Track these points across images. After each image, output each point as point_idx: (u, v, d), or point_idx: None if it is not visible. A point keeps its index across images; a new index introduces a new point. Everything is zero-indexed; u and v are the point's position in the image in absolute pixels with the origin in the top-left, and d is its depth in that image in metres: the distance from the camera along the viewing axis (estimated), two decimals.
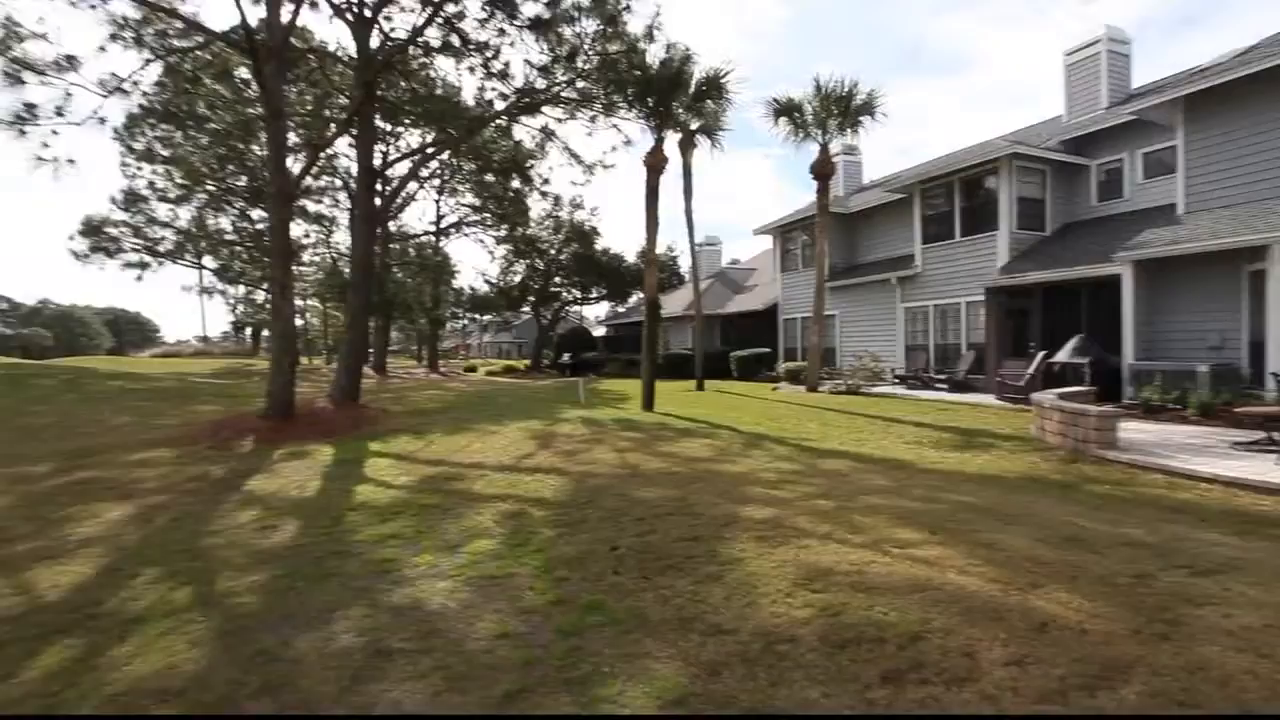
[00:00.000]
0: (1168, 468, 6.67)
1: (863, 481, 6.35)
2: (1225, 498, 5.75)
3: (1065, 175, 15.93)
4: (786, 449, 8.48)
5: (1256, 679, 2.52)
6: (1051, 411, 8.52)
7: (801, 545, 4.29)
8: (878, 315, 19.24)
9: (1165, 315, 11.71)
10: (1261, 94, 10.85)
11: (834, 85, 16.51)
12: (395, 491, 6.85)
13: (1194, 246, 10.68)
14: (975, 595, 3.33)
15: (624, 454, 8.41)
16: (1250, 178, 11.01)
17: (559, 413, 13.58)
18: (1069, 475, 6.72)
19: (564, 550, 4.64)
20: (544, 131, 16.64)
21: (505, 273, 41.10)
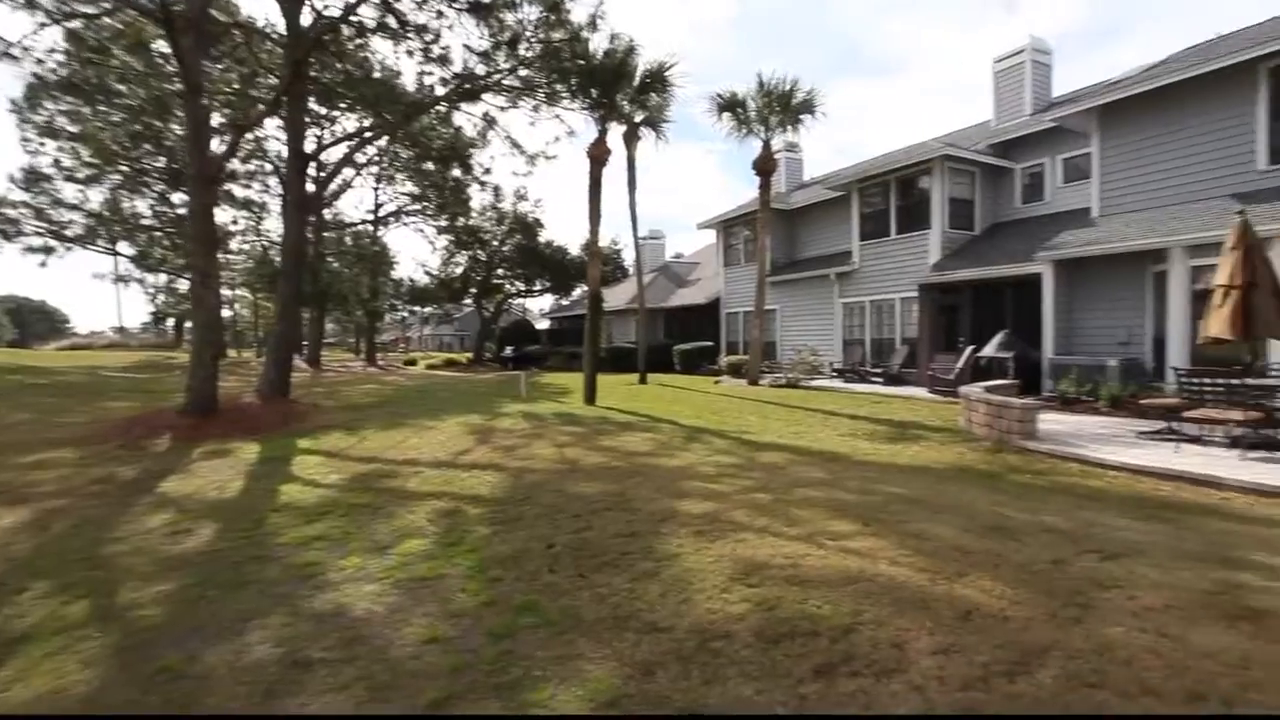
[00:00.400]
0: (1082, 456, 7.04)
1: (800, 474, 6.44)
2: (1130, 484, 6.10)
3: (993, 177, 16.63)
4: (726, 442, 8.54)
5: (1158, 657, 2.65)
6: (978, 404, 8.87)
7: (738, 539, 4.30)
8: (817, 310, 19.68)
9: (1081, 312, 12.39)
10: (1166, 107, 11.56)
11: (776, 83, 16.77)
12: (324, 491, 6.55)
13: (1105, 248, 11.31)
14: (905, 586, 3.41)
15: (563, 449, 8.30)
16: (1157, 184, 11.73)
17: (499, 407, 13.33)
18: (994, 465, 7.00)
19: (499, 549, 4.52)
20: (485, 119, 16.25)
21: (446, 264, 40.13)
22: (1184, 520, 4.68)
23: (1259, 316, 7.01)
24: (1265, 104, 10.53)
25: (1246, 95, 10.67)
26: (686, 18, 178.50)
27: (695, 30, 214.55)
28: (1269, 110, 10.51)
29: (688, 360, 23.41)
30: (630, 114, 16.30)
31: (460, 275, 39.75)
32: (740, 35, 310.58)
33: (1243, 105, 10.72)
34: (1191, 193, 11.26)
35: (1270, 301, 7.04)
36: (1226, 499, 5.49)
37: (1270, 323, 7.02)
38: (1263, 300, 7.02)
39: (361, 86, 15.80)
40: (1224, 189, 10.87)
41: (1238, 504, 5.34)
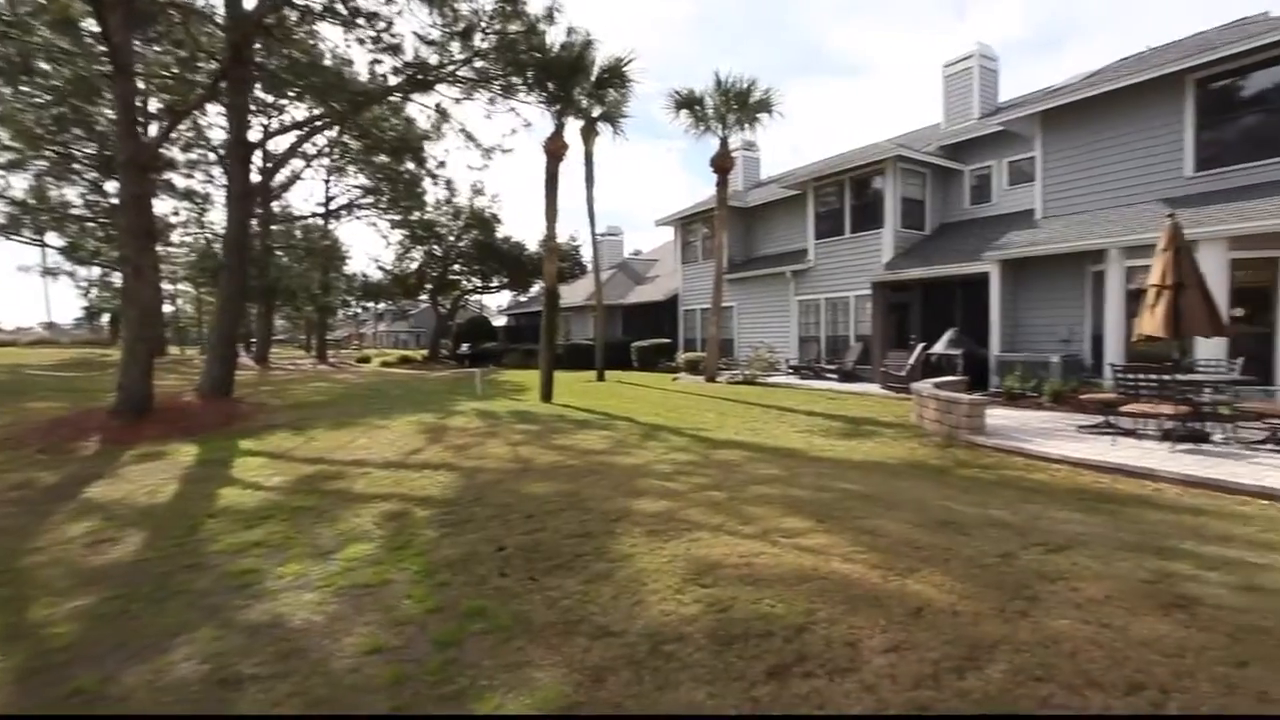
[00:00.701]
0: (1026, 450, 7.25)
1: (755, 471, 6.45)
2: (1072, 476, 6.29)
3: (943, 179, 17.05)
4: (683, 439, 8.52)
5: (1100, 648, 2.70)
6: (929, 400, 9.06)
7: (693, 538, 4.26)
8: (773, 307, 19.88)
9: (1025, 310, 12.80)
10: (1103, 114, 12.02)
11: (734, 82, 16.83)
12: (265, 494, 6.26)
13: (1047, 249, 11.71)
14: (858, 583, 3.41)
15: (518, 447, 8.14)
16: (1095, 188, 12.20)
17: (453, 405, 13.05)
18: (944, 460, 7.15)
19: (447, 552, 4.37)
20: (438, 111, 15.83)
21: (401, 259, 39.24)
22: (1122, 512, 4.84)
23: (1187, 316, 7.32)
24: (1192, 114, 11.04)
25: (1175, 105, 11.17)
26: (648, 15, 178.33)
27: (657, 27, 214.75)
28: (1195, 120, 11.02)
29: (645, 357, 23.39)
30: (588, 109, 16.15)
31: (415, 271, 38.92)
32: (701, 33, 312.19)
33: (1172, 115, 11.21)
34: (1126, 196, 11.74)
35: (1198, 302, 7.37)
36: (1159, 490, 5.71)
37: (1198, 322, 7.35)
38: (1191, 300, 7.34)
39: (310, 74, 15.23)
40: (1155, 193, 11.37)
41: (1169, 495, 5.56)
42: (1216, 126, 10.94)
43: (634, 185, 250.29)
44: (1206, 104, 10.96)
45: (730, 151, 17.42)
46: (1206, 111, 10.97)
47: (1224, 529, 4.43)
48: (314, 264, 35.37)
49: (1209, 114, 10.96)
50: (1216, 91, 10.91)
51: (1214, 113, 10.93)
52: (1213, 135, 10.95)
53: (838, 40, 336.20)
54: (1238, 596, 3.20)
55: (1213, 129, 10.95)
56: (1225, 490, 5.56)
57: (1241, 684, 2.45)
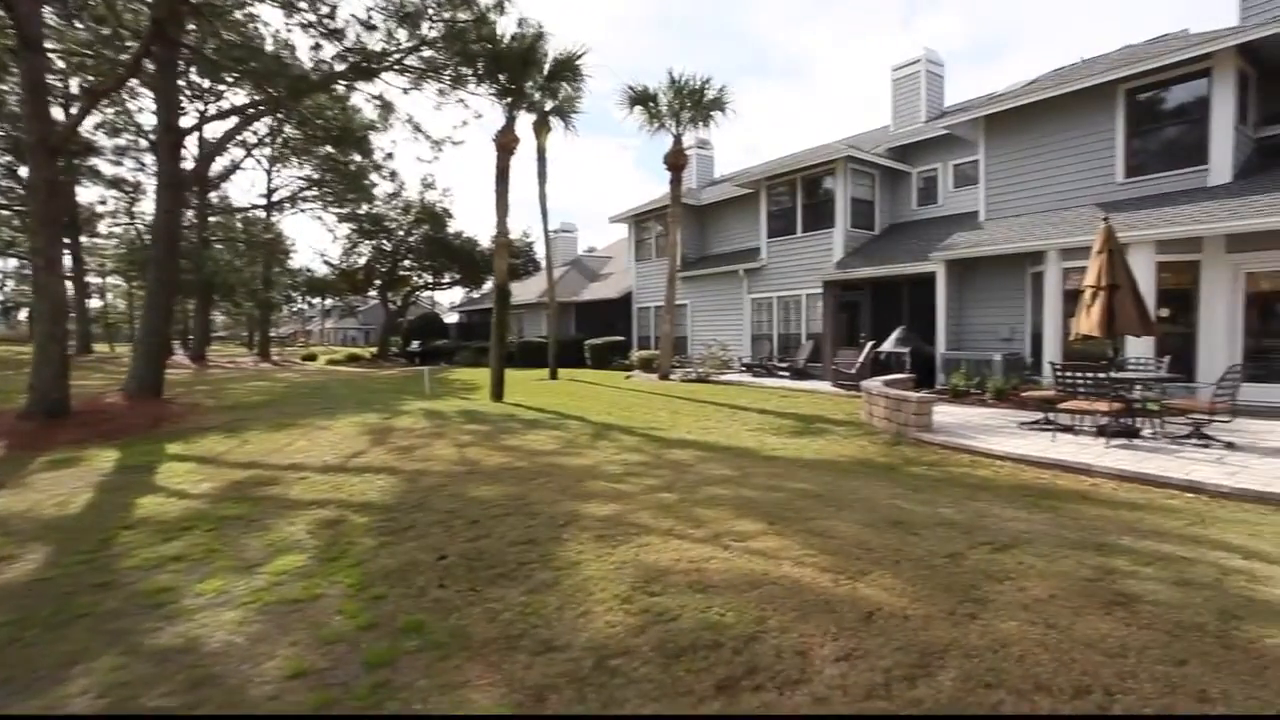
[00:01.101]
0: (971, 447, 7.39)
1: (707, 471, 6.38)
2: (1015, 473, 6.44)
3: (891, 180, 17.40)
4: (635, 439, 8.40)
5: (1047, 651, 2.70)
6: (878, 398, 9.18)
7: (642, 543, 4.14)
8: (726, 305, 19.97)
9: (970, 310, 13.16)
10: (1041, 121, 12.43)
11: (688, 80, 16.80)
12: (190, 502, 5.87)
13: (990, 249, 12.05)
14: (809, 588, 3.34)
15: (465, 449, 7.88)
16: (1036, 191, 12.61)
17: (400, 405, 12.63)
18: (893, 457, 7.22)
19: (384, 563, 4.14)
20: (382, 101, 15.28)
21: (348, 253, 38.00)
22: (1063, 508, 4.94)
23: (1121, 316, 7.59)
24: (1122, 123, 11.50)
25: (1107, 114, 11.61)
26: (604, 13, 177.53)
27: (613, 26, 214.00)
28: (1125, 129, 11.49)
29: (599, 355, 23.22)
30: (540, 103, 15.85)
31: (364, 266, 37.76)
32: (657, 33, 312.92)
33: (1104, 123, 11.66)
34: (1063, 200, 12.17)
35: (1130, 302, 7.64)
36: (1096, 485, 5.88)
37: (1130, 321, 7.62)
38: (1124, 301, 7.61)
39: (247, 58, 14.47)
40: (1090, 198, 11.82)
41: (1105, 489, 5.72)
42: (1143, 136, 11.42)
43: (588, 182, 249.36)
44: (1134, 114, 11.44)
45: (684, 149, 17.39)
46: (1135, 121, 11.45)
47: (1156, 523, 4.56)
48: (255, 258, 33.94)
49: (1137, 123, 11.44)
50: (1143, 102, 11.39)
51: (1141, 123, 11.42)
52: (1140, 144, 11.43)
53: (787, 44, 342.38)
54: (1172, 592, 3.27)
55: (1140, 138, 11.44)
56: (1155, 484, 5.76)
57: (1182, 683, 2.46)
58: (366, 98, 16.95)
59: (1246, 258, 9.83)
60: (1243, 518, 4.73)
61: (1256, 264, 9.81)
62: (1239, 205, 9.56)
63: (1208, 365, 9.88)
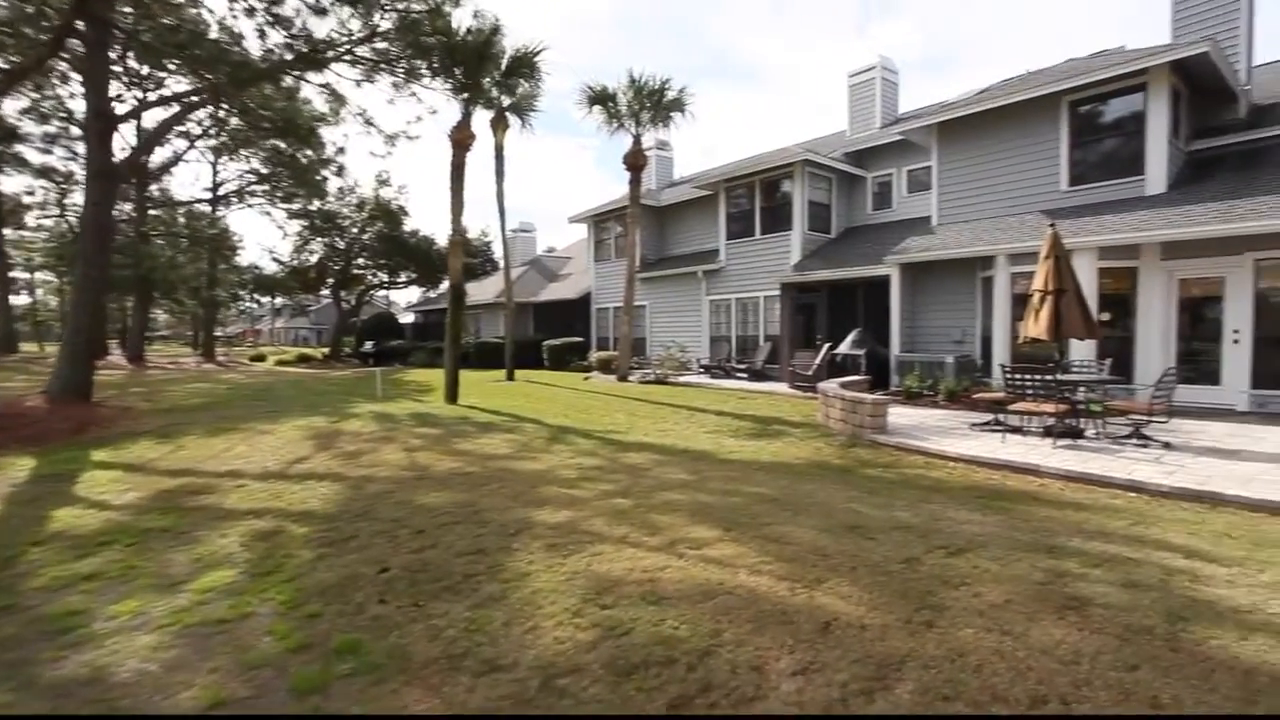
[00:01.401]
0: (925, 449, 7.47)
1: (664, 475, 6.28)
2: (967, 474, 6.52)
3: (848, 184, 17.65)
4: (591, 442, 8.25)
5: (1003, 659, 2.66)
6: (834, 400, 9.23)
7: (595, 552, 4.00)
8: (685, 306, 19.97)
9: (923, 312, 13.41)
10: (991, 129, 12.76)
11: (647, 80, 16.73)
12: (111, 514, 5.48)
13: (943, 254, 12.29)
14: (765, 597, 3.26)
15: (415, 454, 7.61)
16: (986, 197, 12.92)
17: (350, 407, 12.19)
18: (848, 460, 7.25)
19: (322, 577, 3.90)
20: (332, 92, 14.74)
21: (299, 251, 36.78)
22: (1014, 510, 4.99)
23: (1067, 319, 7.79)
24: (1066, 133, 11.88)
25: (1052, 124, 11.98)
26: (563, 13, 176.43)
27: (573, 26, 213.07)
28: (1069, 139, 11.87)
29: (557, 356, 22.95)
30: (498, 99, 15.56)
31: (316, 264, 36.60)
32: (618, 34, 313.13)
33: (1050, 133, 12.02)
34: (1011, 207, 12.51)
35: (1075, 306, 7.85)
36: (1044, 485, 5.99)
37: (1075, 325, 7.82)
38: (1070, 305, 7.81)
39: (186, 43, 13.76)
40: (1037, 205, 12.17)
41: (1053, 489, 5.83)
42: (1085, 146, 11.82)
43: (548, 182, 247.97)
44: (1077, 125, 11.82)
45: (643, 150, 17.31)
46: (1077, 132, 11.84)
47: (1102, 524, 4.64)
48: (199, 254, 32.54)
49: (1079, 134, 11.83)
50: (1084, 114, 11.79)
51: (1083, 133, 11.81)
52: (1082, 154, 11.82)
53: (745, 48, 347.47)
54: (1121, 594, 3.29)
55: (1082, 148, 11.83)
56: (1100, 484, 5.89)
57: (1135, 689, 2.45)
58: (317, 89, 16.28)
59: (1179, 265, 10.25)
60: (1181, 516, 4.86)
61: (1188, 271, 10.24)
62: (1174, 214, 9.95)
63: (1144, 367, 10.27)
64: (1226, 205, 9.70)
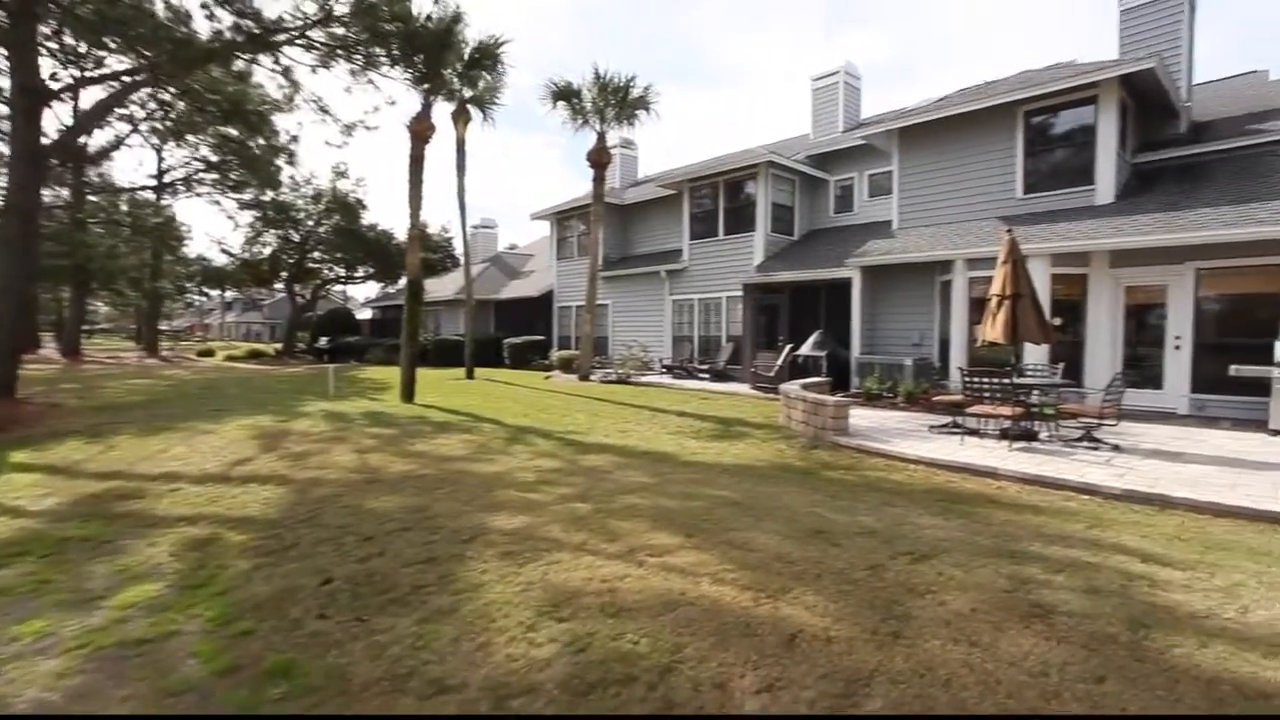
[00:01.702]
0: (886, 451, 7.50)
1: (624, 479, 6.13)
2: (927, 476, 6.54)
3: (810, 187, 17.80)
4: (551, 443, 8.05)
5: (972, 672, 2.59)
6: (796, 401, 9.22)
7: (552, 561, 3.83)
8: (648, 306, 19.87)
9: (883, 315, 13.57)
10: (950, 136, 12.98)
11: (613, 76, 16.59)
12: (27, 522, 5.07)
13: (903, 257, 12.45)
14: (729, 608, 3.14)
15: (366, 455, 7.29)
16: (945, 202, 13.14)
17: (300, 405, 11.73)
18: (810, 462, 7.22)
19: (258, 590, 3.64)
20: (285, 73, 14.13)
21: (252, 243, 35.50)
22: (975, 513, 5.00)
23: (1023, 323, 7.92)
24: (1021, 142, 12.15)
25: (1009, 133, 12.24)
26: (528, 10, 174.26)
27: (536, 22, 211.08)
28: (1024, 148, 12.15)
29: (518, 354, 22.61)
30: (459, 91, 15.18)
31: (269, 257, 35.35)
32: (583, 35, 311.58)
33: (1006, 141, 12.29)
34: (969, 212, 12.75)
35: (1031, 311, 7.99)
36: (1002, 488, 6.04)
37: (1031, 329, 7.97)
38: (1026, 309, 7.95)
39: (127, 19, 12.99)
40: (994, 211, 12.42)
41: (1010, 492, 5.88)
42: (1039, 155, 12.11)
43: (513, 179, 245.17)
44: (1032, 135, 12.11)
45: (607, 147, 17.15)
46: (1032, 141, 12.12)
47: (1060, 528, 4.67)
48: (142, 243, 31.08)
49: (1034, 144, 12.12)
50: (1039, 125, 12.08)
51: (1037, 143, 12.10)
52: (1036, 163, 12.11)
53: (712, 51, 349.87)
54: (1084, 601, 3.28)
55: (1036, 157, 12.12)
56: (1055, 487, 5.97)
57: (1103, 701, 2.41)
58: (269, 74, 15.59)
59: (1126, 272, 10.57)
60: (1135, 519, 4.94)
61: (1134, 279, 10.57)
62: (1122, 224, 10.25)
63: (1093, 372, 10.56)
64: (1170, 216, 10.04)
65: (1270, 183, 10.19)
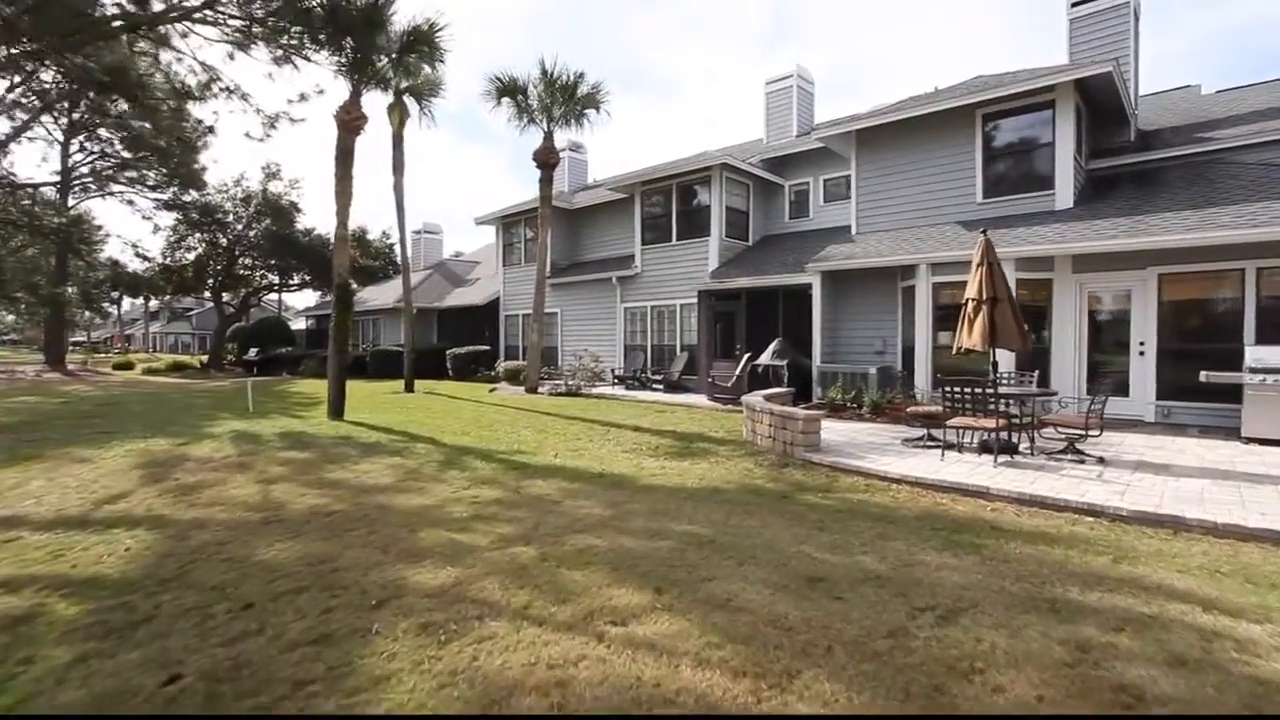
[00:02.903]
0: (863, 469, 6.85)
1: (576, 510, 5.27)
2: (914, 498, 5.91)
3: (765, 192, 17.34)
4: (492, 466, 7.11)
5: None
6: (762, 414, 8.54)
7: (485, 635, 2.94)
8: (599, 314, 19.02)
9: (844, 322, 13.09)
10: (911, 138, 12.67)
11: (560, 72, 15.77)
12: None
13: (865, 262, 12.00)
14: (721, 708, 2.33)
15: (271, 486, 6.21)
16: (904, 206, 12.80)
17: (209, 425, 10.41)
18: (783, 483, 6.51)
19: (70, 697, 2.63)
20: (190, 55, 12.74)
21: (174, 247, 33.03)
22: (984, 546, 4.34)
23: (1002, 329, 7.44)
24: (980, 146, 11.90)
25: (967, 136, 11.97)
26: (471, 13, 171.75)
27: (479, 27, 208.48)
28: (983, 151, 11.91)
29: (462, 366, 21.40)
30: (395, 81, 14.08)
31: (194, 262, 32.93)
32: (528, 42, 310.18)
33: (965, 144, 12.01)
34: (928, 217, 12.42)
35: (1010, 315, 7.52)
36: (999, 510, 5.44)
37: (1010, 334, 7.48)
38: (1005, 313, 7.47)
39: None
40: (953, 215, 12.12)
41: (1009, 515, 5.29)
42: (997, 159, 11.87)
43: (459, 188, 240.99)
44: (990, 138, 11.88)
45: (555, 146, 16.29)
46: (990, 144, 11.89)
47: (1086, 563, 4.05)
48: (46, 245, 28.48)
49: (992, 147, 11.89)
50: (996, 128, 11.84)
51: (995, 147, 11.87)
52: (995, 168, 11.87)
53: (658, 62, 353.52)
54: (1174, 678, 2.58)
55: (995, 161, 11.88)
56: (1055, 508, 5.42)
57: None
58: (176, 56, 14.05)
59: (1089, 278, 10.35)
60: (1156, 547, 4.37)
61: (1097, 284, 10.35)
62: (1084, 229, 10.00)
63: (1059, 378, 10.27)
64: (1132, 221, 9.84)
65: (1225, 188, 10.14)
